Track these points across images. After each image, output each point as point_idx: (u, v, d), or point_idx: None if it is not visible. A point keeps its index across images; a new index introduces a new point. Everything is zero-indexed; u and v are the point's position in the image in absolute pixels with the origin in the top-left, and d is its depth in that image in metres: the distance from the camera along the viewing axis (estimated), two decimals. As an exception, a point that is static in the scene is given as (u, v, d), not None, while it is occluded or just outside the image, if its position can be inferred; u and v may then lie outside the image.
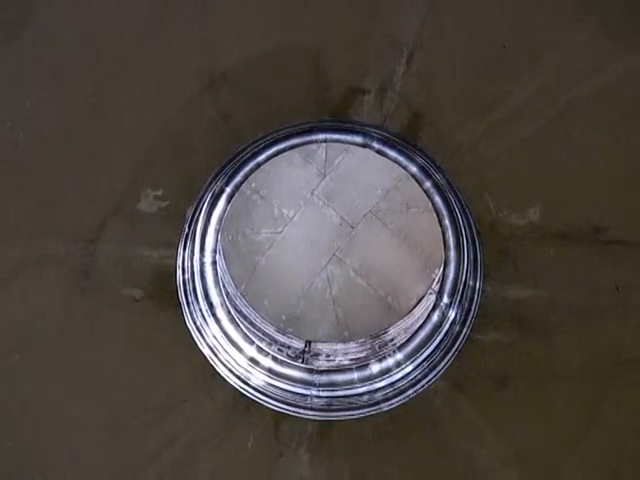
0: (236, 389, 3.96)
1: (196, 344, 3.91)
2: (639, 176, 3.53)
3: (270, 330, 4.77)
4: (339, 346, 4.77)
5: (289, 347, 4.70)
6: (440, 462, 3.84)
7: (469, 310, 3.90)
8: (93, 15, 3.36)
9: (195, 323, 3.97)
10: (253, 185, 5.36)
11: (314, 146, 5.27)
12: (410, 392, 3.97)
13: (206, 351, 3.95)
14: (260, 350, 4.46)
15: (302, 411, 4.01)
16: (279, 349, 4.60)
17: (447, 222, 4.20)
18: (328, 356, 4.67)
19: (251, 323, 4.71)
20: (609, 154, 3.53)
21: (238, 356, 4.24)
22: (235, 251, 5.39)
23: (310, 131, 3.96)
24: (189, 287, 4.03)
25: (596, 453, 3.71)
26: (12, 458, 3.73)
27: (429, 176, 4.09)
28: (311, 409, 4.05)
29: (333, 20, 3.47)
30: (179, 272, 3.89)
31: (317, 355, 4.66)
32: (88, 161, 3.61)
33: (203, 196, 3.90)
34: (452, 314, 4.11)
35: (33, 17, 3.33)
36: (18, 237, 3.62)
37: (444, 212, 4.19)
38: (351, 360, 4.56)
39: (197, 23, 3.45)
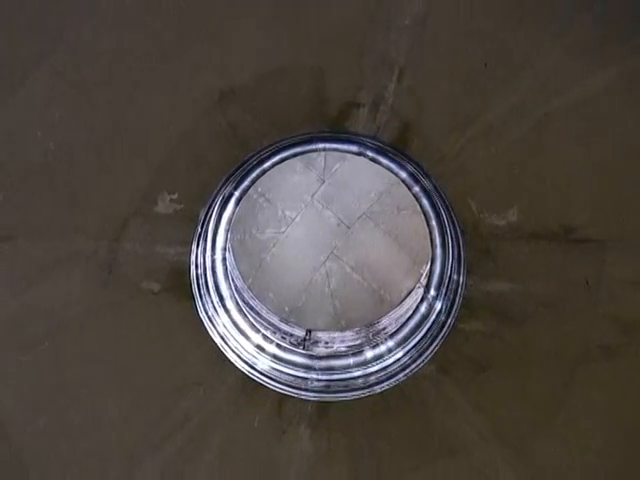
0: (244, 373, 3.98)
1: (208, 332, 3.92)
2: (605, 183, 3.53)
3: (274, 320, 4.78)
4: (336, 334, 4.78)
5: (291, 335, 4.72)
6: (427, 437, 3.86)
7: (453, 302, 3.92)
8: (117, 38, 3.37)
9: (207, 313, 3.99)
10: (259, 189, 5.35)
11: (314, 154, 5.26)
12: (400, 375, 3.98)
13: (217, 339, 3.97)
14: (265, 338, 4.47)
15: (303, 393, 4.03)
16: (282, 337, 4.62)
17: (434, 223, 4.21)
18: (326, 343, 4.68)
19: (257, 314, 4.71)
20: (579, 163, 3.53)
21: (246, 343, 4.25)
22: (243, 249, 5.38)
23: (310, 141, 3.97)
24: (202, 281, 4.04)
25: (566, 429, 3.73)
26: (44, 434, 3.73)
27: (417, 181, 4.09)
28: (311, 391, 4.06)
29: (331, 42, 3.46)
30: (193, 268, 3.90)
31: (317, 342, 4.67)
32: (111, 168, 3.61)
33: (214, 199, 3.90)
34: (438, 305, 4.12)
35: (64, 41, 3.33)
36: (50, 236, 3.63)
37: (431, 214, 4.19)
38: (347, 347, 4.57)
39: (209, 46, 3.45)
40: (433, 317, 4.12)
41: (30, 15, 3.30)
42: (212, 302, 4.13)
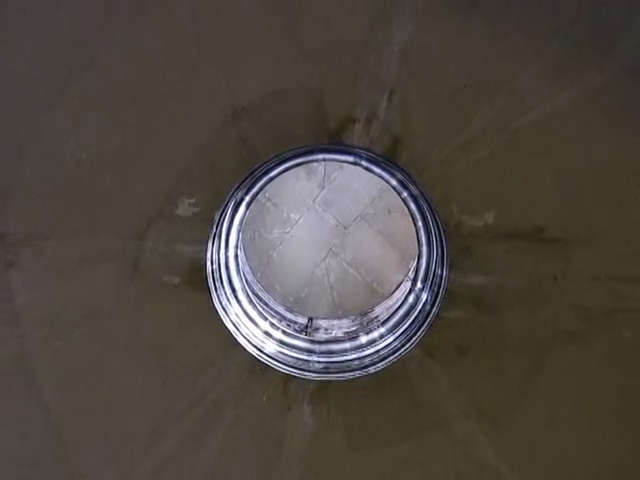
0: (253, 356, 3.99)
1: (222, 320, 3.93)
2: (570, 189, 3.53)
3: (280, 309, 4.78)
4: (335, 322, 4.78)
5: (295, 323, 4.71)
6: (414, 413, 3.86)
7: (437, 293, 3.92)
8: (144, 62, 3.40)
9: (221, 304, 4.00)
10: (267, 195, 5.32)
11: (315, 164, 5.23)
12: (391, 358, 3.98)
13: (230, 326, 3.97)
14: (272, 325, 4.48)
15: (305, 373, 4.03)
16: (287, 324, 4.61)
17: (420, 224, 4.21)
18: (326, 330, 4.68)
19: (265, 304, 4.71)
20: (547, 172, 3.54)
21: (255, 330, 4.25)
22: (253, 247, 5.35)
23: (312, 152, 3.97)
24: (216, 275, 4.04)
25: (537, 404, 3.74)
26: (78, 410, 3.76)
27: (406, 188, 4.10)
28: (312, 372, 4.07)
29: (330, 66, 3.48)
30: (209, 263, 3.91)
31: (317, 329, 4.67)
32: (137, 176, 3.63)
33: (227, 203, 3.90)
34: (424, 296, 4.13)
35: (98, 63, 3.36)
36: (83, 236, 3.64)
37: (418, 216, 4.19)
38: (344, 333, 4.57)
39: (223, 68, 3.46)
40: (420, 307, 4.12)
41: (68, 38, 3.32)
42: (225, 294, 4.12)
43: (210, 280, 3.91)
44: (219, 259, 4.11)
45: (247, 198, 4.21)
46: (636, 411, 3.58)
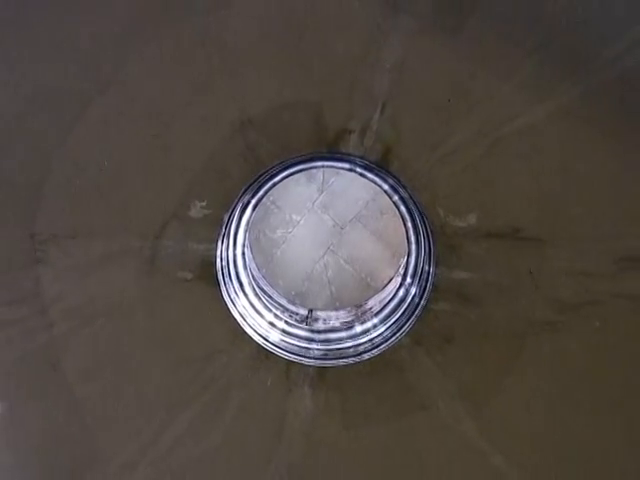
0: (259, 344, 3.99)
1: (230, 312, 3.94)
2: (544, 192, 3.54)
3: (283, 302, 4.77)
4: (332, 313, 4.77)
5: (297, 314, 4.71)
6: (404, 395, 3.86)
7: (425, 287, 3.92)
8: (160, 79, 3.42)
9: (230, 297, 4.00)
10: (271, 198, 5.29)
11: (314, 170, 5.21)
12: (383, 346, 3.98)
13: (237, 317, 3.98)
14: (276, 316, 4.49)
15: (306, 359, 4.03)
16: (289, 315, 4.61)
17: (409, 224, 4.21)
18: (324, 320, 4.68)
19: (269, 297, 4.71)
20: (524, 177, 3.55)
21: (260, 320, 4.25)
22: (258, 245, 5.31)
23: (311, 159, 3.97)
24: (225, 271, 4.04)
25: (516, 387, 3.73)
26: (100, 392, 3.77)
27: (396, 192, 4.10)
28: (312, 358, 4.07)
29: (328, 82, 3.49)
30: (218, 260, 3.91)
31: (316, 319, 4.66)
32: (154, 181, 3.64)
33: (235, 206, 3.90)
34: (413, 290, 4.13)
35: (118, 79, 3.38)
36: (105, 235, 3.66)
37: (407, 217, 4.19)
38: (341, 323, 4.57)
39: (232, 85, 3.48)
40: (409, 299, 4.12)
41: (92, 56, 3.34)
42: (234, 288, 4.13)
43: (220, 275, 3.92)
44: (228, 256, 4.12)
45: (253, 201, 4.21)
46: (604, 393, 3.57)
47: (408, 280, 4.29)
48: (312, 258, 5.60)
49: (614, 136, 3.33)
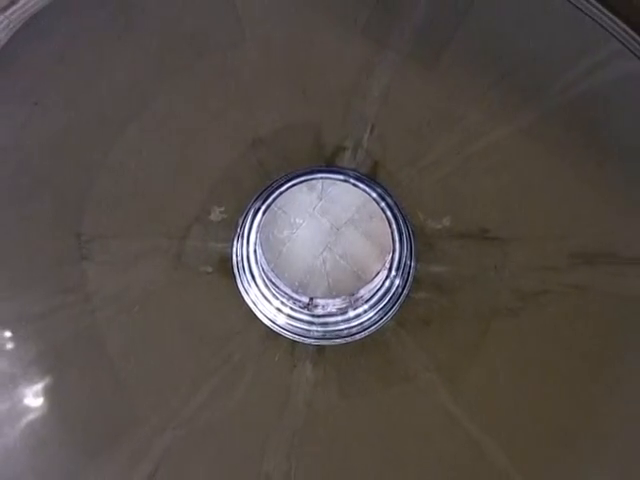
0: (268, 326, 3.98)
1: (244, 299, 3.93)
2: (508, 199, 3.55)
3: (288, 291, 4.72)
4: (329, 300, 4.72)
5: (299, 301, 4.66)
6: (389, 369, 3.85)
7: (407, 279, 3.91)
8: (184, 104, 3.43)
9: (243, 287, 3.99)
10: (278, 205, 5.22)
11: (315, 181, 5.16)
12: (372, 328, 3.97)
13: (250, 304, 3.97)
14: (282, 303, 4.44)
15: (307, 340, 4.02)
16: (294, 302, 4.57)
17: (394, 226, 4.19)
18: (323, 307, 4.63)
19: (277, 287, 4.67)
20: (492, 186, 3.55)
21: (269, 307, 4.22)
22: (267, 244, 5.24)
23: (312, 172, 3.98)
24: (240, 265, 4.02)
25: (483, 362, 3.72)
26: (133, 368, 3.72)
27: (383, 199, 4.08)
28: (313, 338, 4.05)
29: (326, 107, 3.51)
30: (234, 256, 3.91)
31: (316, 306, 4.62)
32: (180, 190, 3.65)
33: (248, 211, 3.91)
34: (397, 281, 4.11)
35: (150, 108, 3.40)
36: (140, 236, 3.66)
37: (392, 220, 4.17)
38: (337, 309, 4.53)
39: (245, 109, 3.49)
40: (394, 289, 4.11)
41: (126, 85, 3.32)
42: (247, 279, 4.10)
43: (235, 269, 3.91)
44: (242, 253, 4.10)
45: (263, 207, 4.20)
46: (556, 367, 3.56)
47: (393, 273, 4.27)
48: (313, 254, 5.57)
49: (566, 152, 3.34)
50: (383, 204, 4.15)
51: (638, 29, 2.33)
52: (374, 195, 4.12)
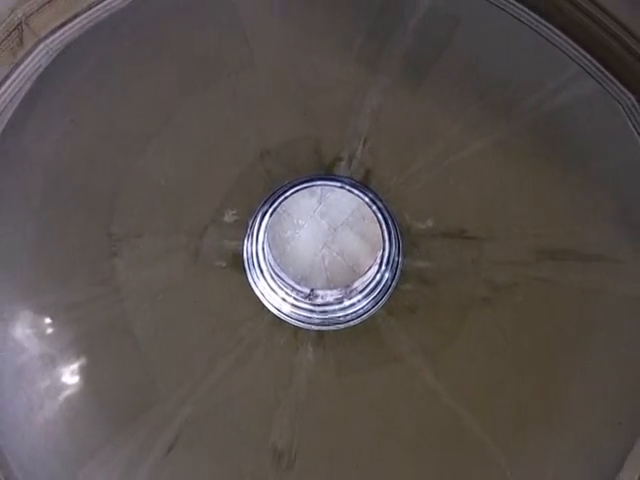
0: (274, 314, 3.96)
1: (253, 290, 3.92)
2: (484, 204, 3.55)
3: (292, 283, 4.64)
4: (328, 292, 4.67)
5: (302, 292, 4.59)
6: (380, 351, 3.84)
7: (395, 273, 3.89)
8: (201, 120, 3.43)
9: (253, 279, 3.97)
10: (283, 208, 5.12)
11: (315, 187, 5.07)
12: (365, 315, 3.95)
13: (259, 294, 3.96)
14: (287, 294, 4.39)
15: (308, 325, 3.99)
16: (297, 293, 4.51)
17: (384, 227, 4.14)
18: (322, 297, 4.57)
19: (282, 280, 4.59)
20: (469, 192, 3.55)
21: (275, 297, 4.19)
22: (274, 242, 5.15)
23: (312, 180, 3.96)
24: (250, 261, 4.00)
25: (462, 346, 3.71)
26: (158, 350, 3.71)
27: (375, 203, 4.04)
28: (314, 324, 4.03)
29: (325, 123, 3.51)
30: (245, 253, 3.90)
31: (316, 297, 4.57)
32: (198, 195, 3.65)
33: (257, 213, 3.90)
34: (387, 275, 4.08)
35: (171, 124, 3.37)
36: (163, 235, 3.66)
37: (382, 222, 4.12)
38: (334, 299, 4.48)
39: (254, 125, 3.49)
40: (384, 282, 4.08)
41: (151, 101, 3.32)
42: (256, 273, 4.08)
43: (246, 264, 3.90)
44: (251, 250, 4.09)
45: (270, 210, 4.16)
46: (525, 349, 3.55)
47: (383, 267, 4.23)
48: (313, 252, 5.50)
49: (534, 162, 3.33)
50: (374, 207, 4.12)
51: (595, 54, 2.35)
52: (366, 200, 4.09)
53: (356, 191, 4.05)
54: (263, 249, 4.39)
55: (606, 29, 2.19)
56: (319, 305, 4.40)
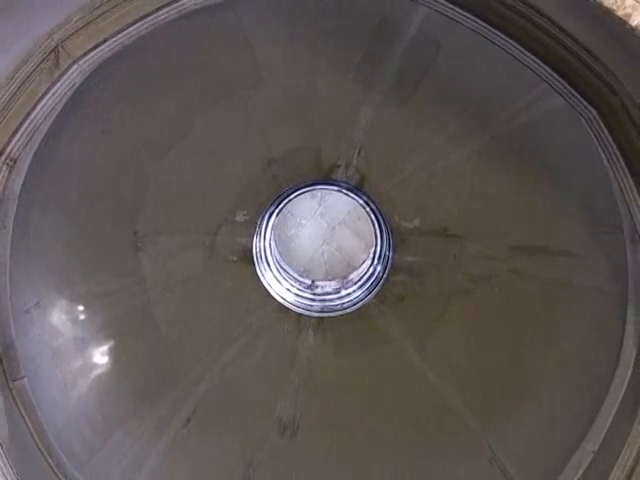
0: (280, 302, 3.95)
1: (262, 282, 3.91)
2: (464, 207, 3.55)
3: (295, 275, 4.66)
4: (327, 283, 4.68)
5: (304, 283, 4.60)
6: (372, 335, 3.85)
7: (386, 266, 3.90)
8: (214, 136, 3.41)
9: (261, 271, 3.96)
10: (287, 209, 5.10)
11: (315, 191, 5.03)
12: (359, 304, 3.95)
13: (266, 285, 3.95)
14: (291, 285, 4.38)
15: (309, 312, 3.98)
16: (299, 284, 4.52)
17: (376, 226, 4.16)
18: (322, 287, 4.58)
19: (287, 272, 4.61)
20: (450, 196, 3.55)
21: (280, 287, 4.18)
22: (280, 239, 5.14)
23: (313, 184, 3.96)
24: (259, 256, 4.00)
25: (445, 331, 3.71)
26: (177, 334, 3.66)
27: (368, 205, 4.06)
28: (314, 312, 4.02)
29: (325, 135, 3.52)
30: (254, 248, 3.89)
31: (317, 287, 4.58)
32: (213, 197, 3.65)
33: (265, 213, 3.91)
34: (379, 268, 4.09)
35: (192, 133, 3.37)
36: (181, 232, 3.66)
37: (375, 221, 4.14)
38: (332, 289, 4.49)
39: (262, 136, 3.50)
40: (376, 274, 4.08)
41: (173, 115, 3.31)
42: (263, 266, 4.07)
43: (255, 259, 3.90)
44: (260, 246, 4.09)
45: (276, 211, 4.17)
46: (501, 333, 3.55)
47: (375, 262, 4.25)
48: (314, 248, 5.52)
49: (509, 168, 3.33)
50: (368, 209, 4.13)
51: (560, 73, 2.37)
52: (361, 202, 4.11)
53: (352, 194, 4.05)
54: (270, 245, 4.39)
55: (570, 50, 2.20)
56: (319, 294, 4.41)
